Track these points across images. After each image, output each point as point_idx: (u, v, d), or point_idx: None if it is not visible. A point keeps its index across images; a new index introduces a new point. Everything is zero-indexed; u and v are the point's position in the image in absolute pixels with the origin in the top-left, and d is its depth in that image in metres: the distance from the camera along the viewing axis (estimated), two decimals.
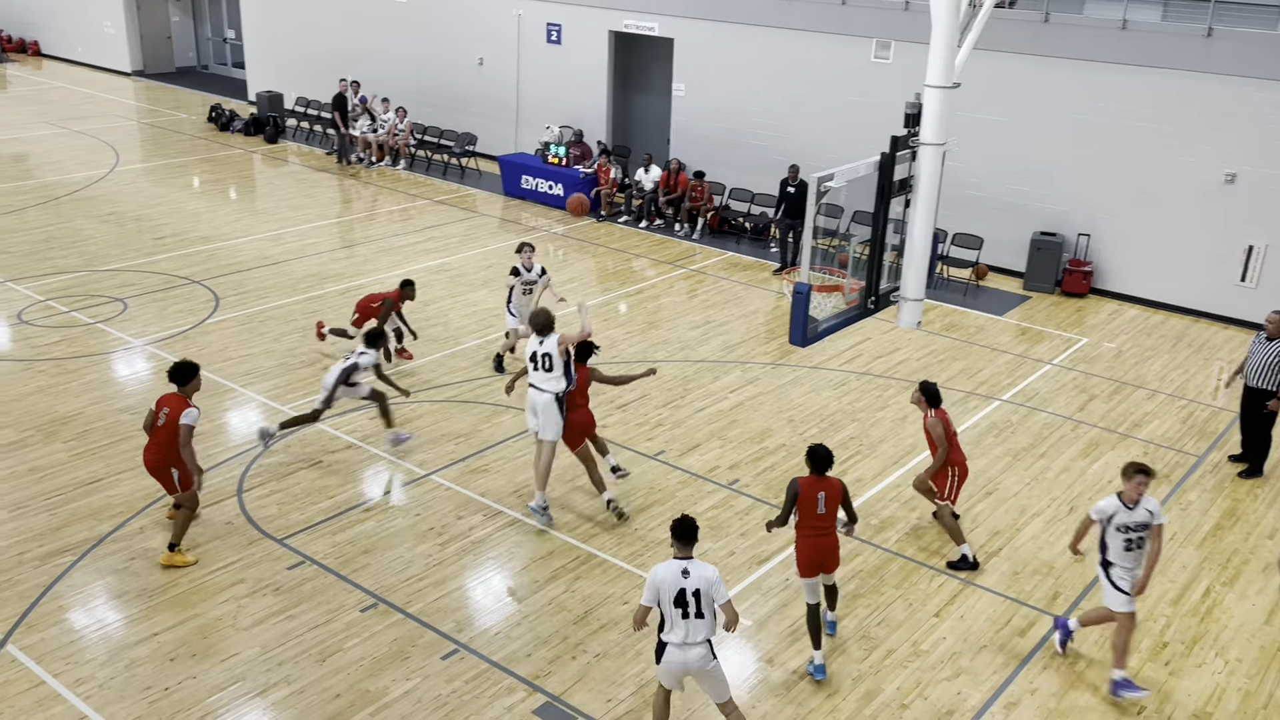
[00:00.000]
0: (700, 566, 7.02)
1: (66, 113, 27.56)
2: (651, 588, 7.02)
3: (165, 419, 9.21)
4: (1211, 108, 15.69)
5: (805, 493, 8.13)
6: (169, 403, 9.26)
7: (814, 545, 8.23)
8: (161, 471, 9.32)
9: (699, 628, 7.02)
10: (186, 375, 9.39)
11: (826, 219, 17.76)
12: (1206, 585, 9.79)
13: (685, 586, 6.95)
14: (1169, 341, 15.60)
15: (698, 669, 7.13)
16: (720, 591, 7.00)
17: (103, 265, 16.80)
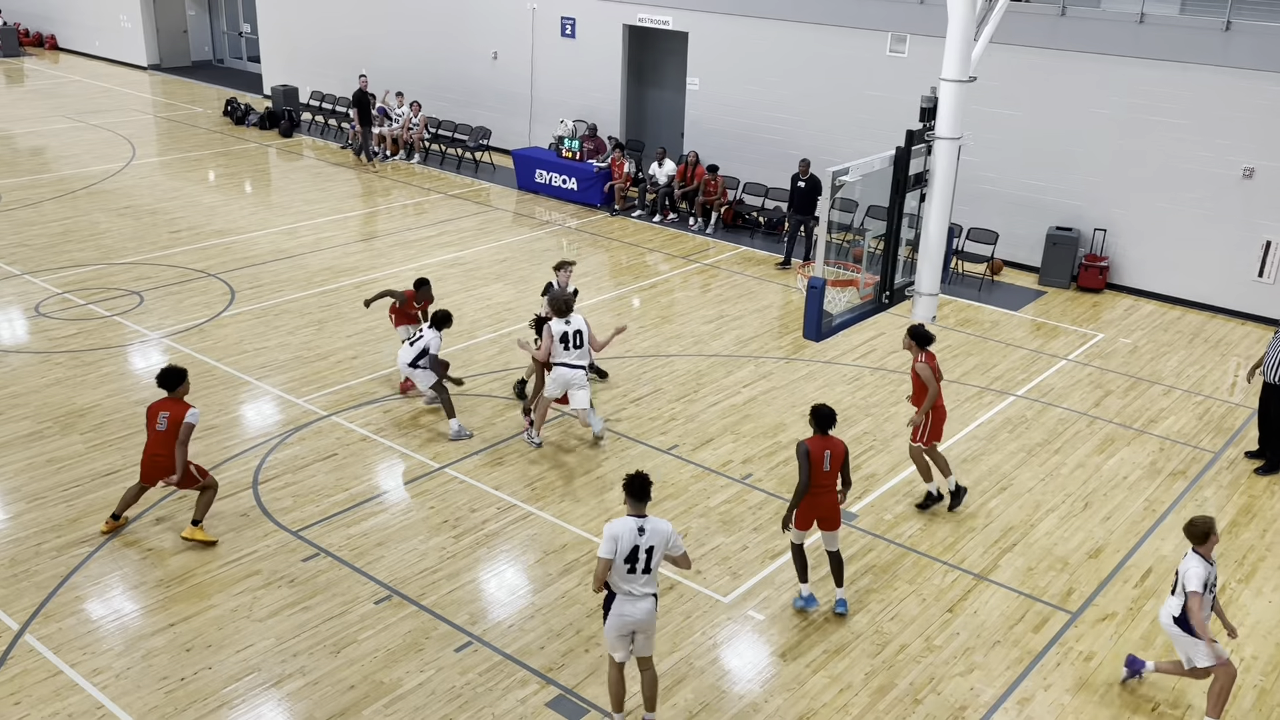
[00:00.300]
0: (656, 523, 7.23)
1: (83, 106, 27.70)
2: (610, 541, 7.14)
3: (166, 423, 9.34)
4: (1229, 102, 15.58)
5: (815, 452, 8.48)
6: (167, 407, 9.38)
7: (815, 502, 8.63)
8: (165, 472, 9.46)
9: (647, 581, 7.23)
10: (177, 380, 9.50)
11: (841, 213, 17.80)
12: (1223, 582, 9.74)
13: (640, 544, 7.14)
14: (1185, 337, 15.52)
15: (645, 621, 7.30)
16: (677, 543, 7.28)
17: (119, 258, 16.89)
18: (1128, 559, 10.03)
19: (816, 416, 8.55)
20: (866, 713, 7.98)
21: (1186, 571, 7.54)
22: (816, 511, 8.67)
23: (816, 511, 8.67)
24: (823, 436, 8.55)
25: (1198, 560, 7.56)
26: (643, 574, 7.20)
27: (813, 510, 8.66)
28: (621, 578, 7.20)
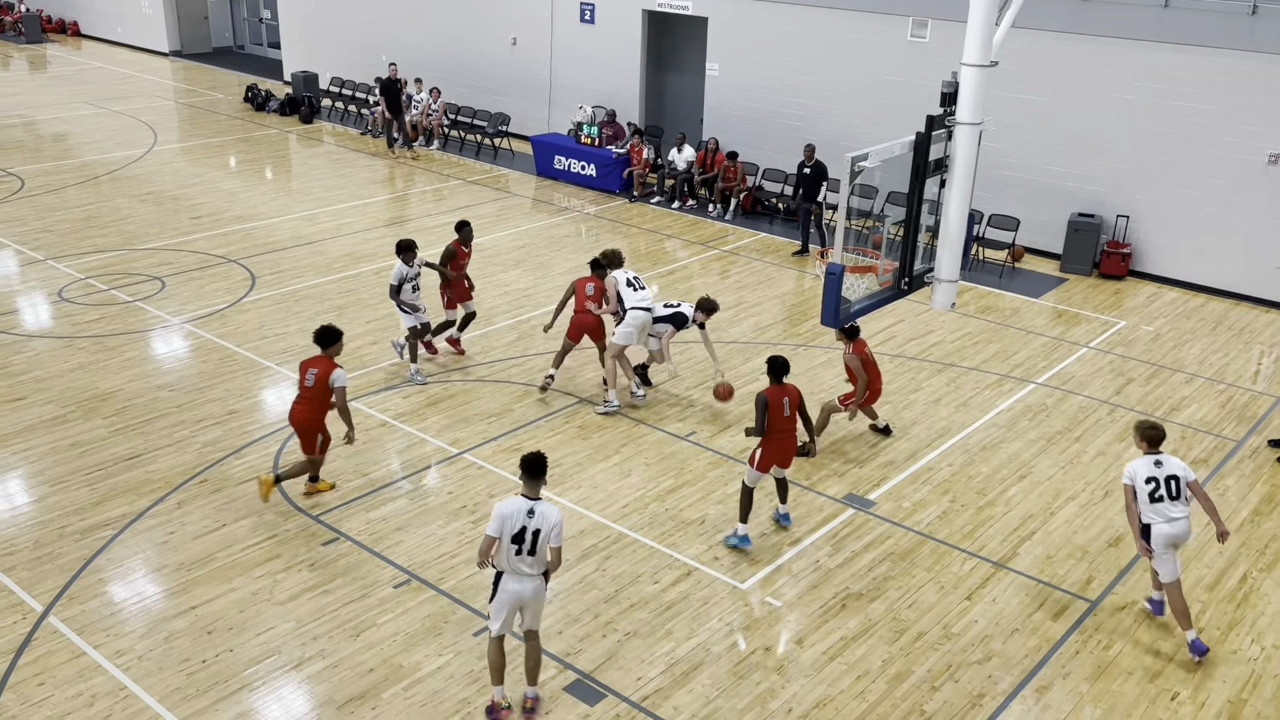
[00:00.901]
0: (546, 508, 7.26)
1: (105, 92, 27.86)
2: (497, 520, 7.23)
3: (315, 379, 9.66)
4: (1256, 87, 15.39)
5: (773, 400, 9.30)
6: (316, 364, 9.71)
7: (778, 447, 9.46)
8: (308, 432, 9.86)
9: (533, 563, 7.28)
10: (330, 338, 9.80)
11: (860, 199, 17.70)
12: (1244, 571, 9.68)
13: (528, 526, 7.19)
14: (1209, 325, 15.38)
15: (533, 597, 7.42)
16: (557, 535, 7.25)
17: (141, 244, 17.00)
18: None
19: (772, 366, 9.41)
20: (884, 700, 7.99)
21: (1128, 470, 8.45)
22: (776, 456, 9.50)
23: (776, 456, 9.50)
24: (779, 385, 9.38)
25: (1142, 461, 8.40)
26: (529, 555, 7.23)
27: (773, 455, 9.47)
28: (509, 558, 7.26)
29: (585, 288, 12.26)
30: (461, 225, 12.90)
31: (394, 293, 12.28)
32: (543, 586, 7.45)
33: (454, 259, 12.78)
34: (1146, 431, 8.43)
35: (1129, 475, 8.37)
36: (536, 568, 7.33)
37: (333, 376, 9.64)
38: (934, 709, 7.91)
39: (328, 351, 9.80)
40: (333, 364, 9.73)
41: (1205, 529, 10.28)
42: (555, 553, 7.33)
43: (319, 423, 9.91)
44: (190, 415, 11.72)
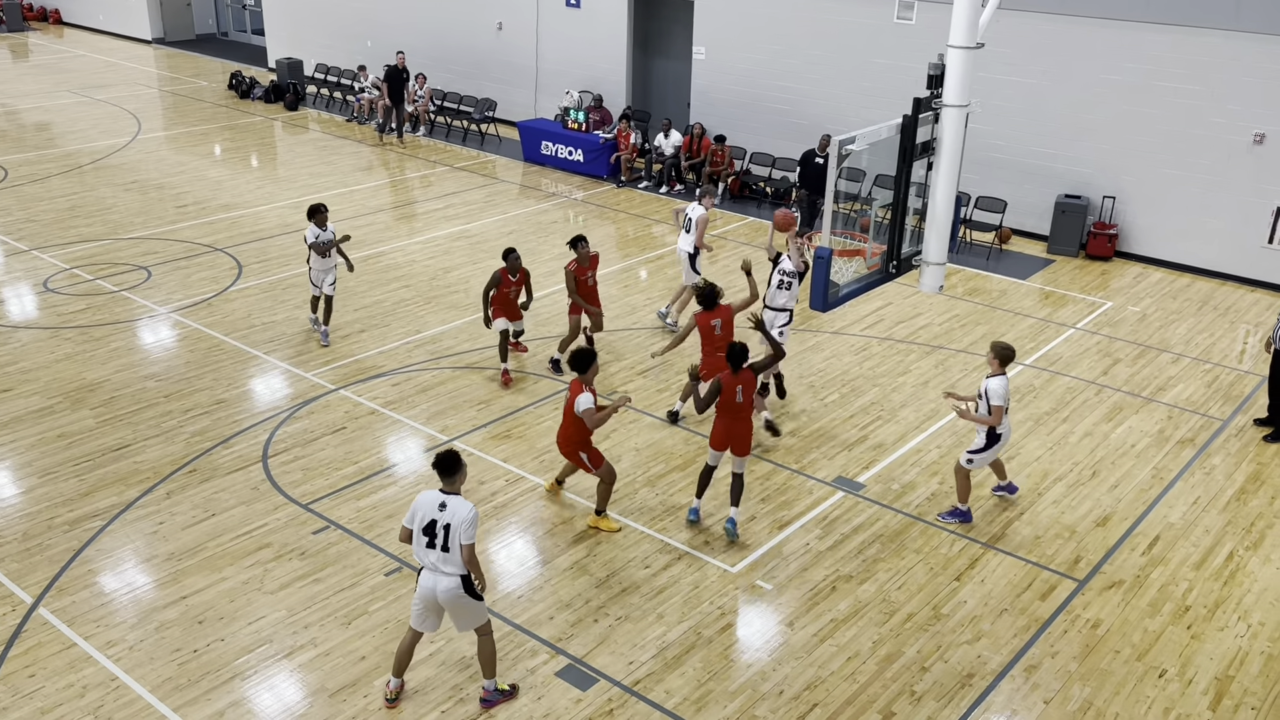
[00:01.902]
0: (457, 504, 7.12)
1: (88, 81, 27.64)
2: (410, 510, 7.22)
3: (567, 403, 9.40)
4: (1241, 66, 15.42)
5: (728, 386, 9.33)
6: (572, 388, 9.36)
7: (729, 429, 9.46)
8: (570, 454, 9.54)
9: (446, 560, 7.13)
10: (586, 361, 9.34)
11: (848, 183, 17.70)
12: (1230, 549, 9.76)
13: (438, 519, 7.09)
14: (1195, 305, 15.45)
15: (446, 600, 7.23)
16: (467, 534, 7.06)
17: (126, 233, 16.91)
18: (1135, 527, 10.04)
19: (731, 354, 9.37)
20: (874, 681, 8.03)
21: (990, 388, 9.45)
22: (731, 440, 9.47)
23: (731, 440, 9.47)
24: (734, 373, 9.34)
25: (1004, 380, 9.46)
26: (441, 550, 7.09)
27: (727, 436, 9.47)
28: (420, 550, 7.19)
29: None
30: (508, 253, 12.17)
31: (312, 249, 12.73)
32: (459, 591, 7.18)
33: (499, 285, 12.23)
34: (1003, 352, 9.56)
35: (1003, 395, 9.43)
36: (449, 565, 7.12)
37: (576, 401, 9.21)
38: (924, 689, 7.96)
39: (583, 377, 9.32)
40: (580, 387, 9.29)
41: (1191, 508, 10.36)
42: (466, 550, 7.08)
43: (578, 443, 9.44)
44: (178, 405, 11.69)
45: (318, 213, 12.74)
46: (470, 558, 7.12)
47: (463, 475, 7.26)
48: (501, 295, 12.19)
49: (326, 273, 12.93)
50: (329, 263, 12.89)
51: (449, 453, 7.24)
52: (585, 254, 12.45)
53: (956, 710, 7.78)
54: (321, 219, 12.73)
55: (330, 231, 12.84)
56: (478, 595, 7.32)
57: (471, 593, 7.27)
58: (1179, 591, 9.14)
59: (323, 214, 12.76)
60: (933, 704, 7.82)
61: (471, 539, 7.09)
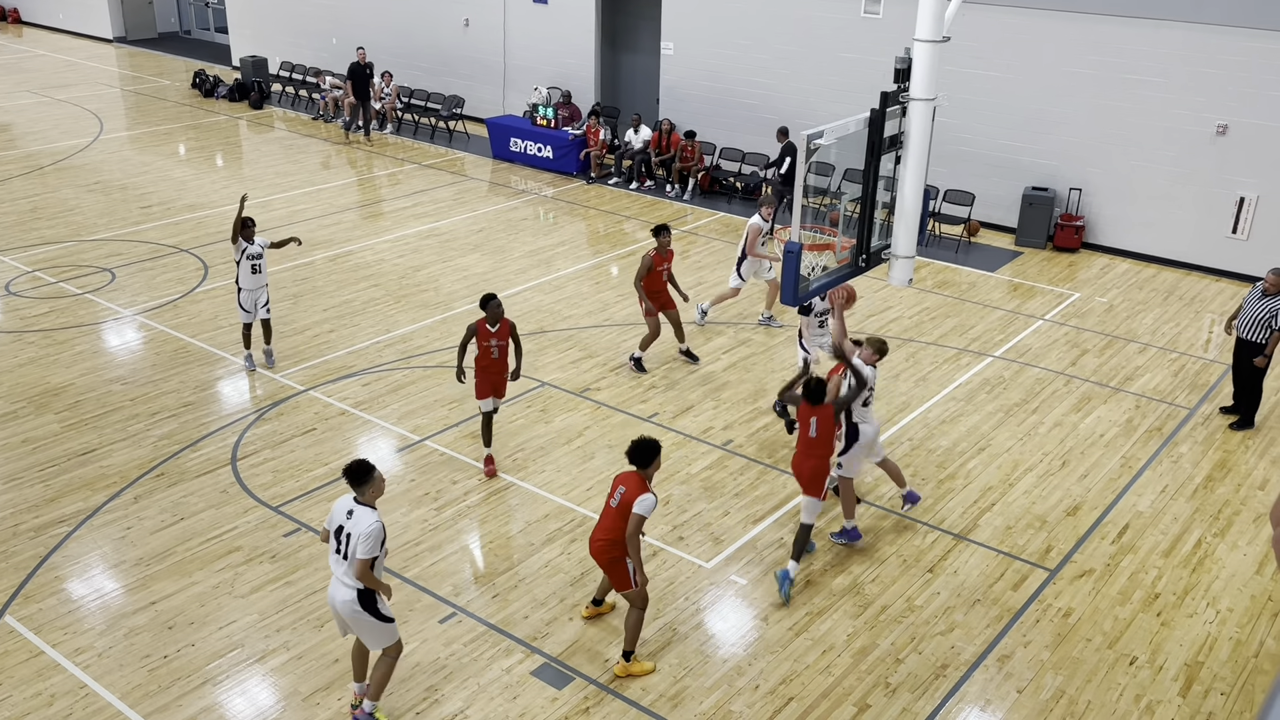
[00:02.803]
0: (362, 514, 6.89)
1: (48, 81, 27.25)
2: (329, 515, 7.11)
3: (620, 500, 7.63)
4: (1203, 59, 15.59)
5: (802, 420, 8.82)
6: (626, 481, 7.69)
7: (799, 465, 8.90)
8: (615, 561, 7.74)
9: (345, 569, 6.93)
10: (648, 455, 7.69)
11: (817, 177, 17.74)
12: (1198, 536, 9.87)
13: (343, 525, 6.93)
14: (1160, 295, 15.61)
15: (344, 611, 7.03)
16: (363, 547, 6.80)
17: (90, 235, 16.68)
18: (1105, 516, 10.13)
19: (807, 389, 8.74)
20: (849, 673, 8.06)
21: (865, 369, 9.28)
22: (799, 476, 8.95)
23: (799, 476, 8.95)
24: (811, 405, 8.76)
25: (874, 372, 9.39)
26: (343, 559, 6.91)
27: (797, 473, 8.98)
28: (330, 557, 7.03)
29: None
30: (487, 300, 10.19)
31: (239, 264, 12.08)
32: (356, 605, 6.93)
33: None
34: (881, 345, 9.47)
35: (871, 379, 9.32)
36: (349, 577, 6.90)
37: (638, 501, 7.53)
38: (899, 681, 8.00)
39: (645, 470, 7.70)
40: (644, 485, 7.63)
41: (1160, 496, 10.47)
42: (358, 565, 6.80)
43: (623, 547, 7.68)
44: (144, 409, 11.55)
45: (245, 227, 11.92)
46: (362, 572, 6.84)
47: (374, 485, 6.98)
48: (482, 355, 10.18)
49: (259, 293, 12.08)
50: (260, 280, 12.04)
51: (358, 462, 7.00)
52: (665, 244, 12.19)
53: (931, 701, 7.82)
54: (249, 233, 11.93)
55: (260, 245, 12.05)
56: (379, 613, 7.05)
57: (370, 609, 7.00)
58: (1149, 579, 9.23)
59: (250, 228, 11.95)
60: (907, 695, 7.86)
61: (367, 553, 6.79)
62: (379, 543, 6.88)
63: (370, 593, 6.99)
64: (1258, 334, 11.36)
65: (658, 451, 7.70)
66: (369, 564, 6.86)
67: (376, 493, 7.02)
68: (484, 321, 10.07)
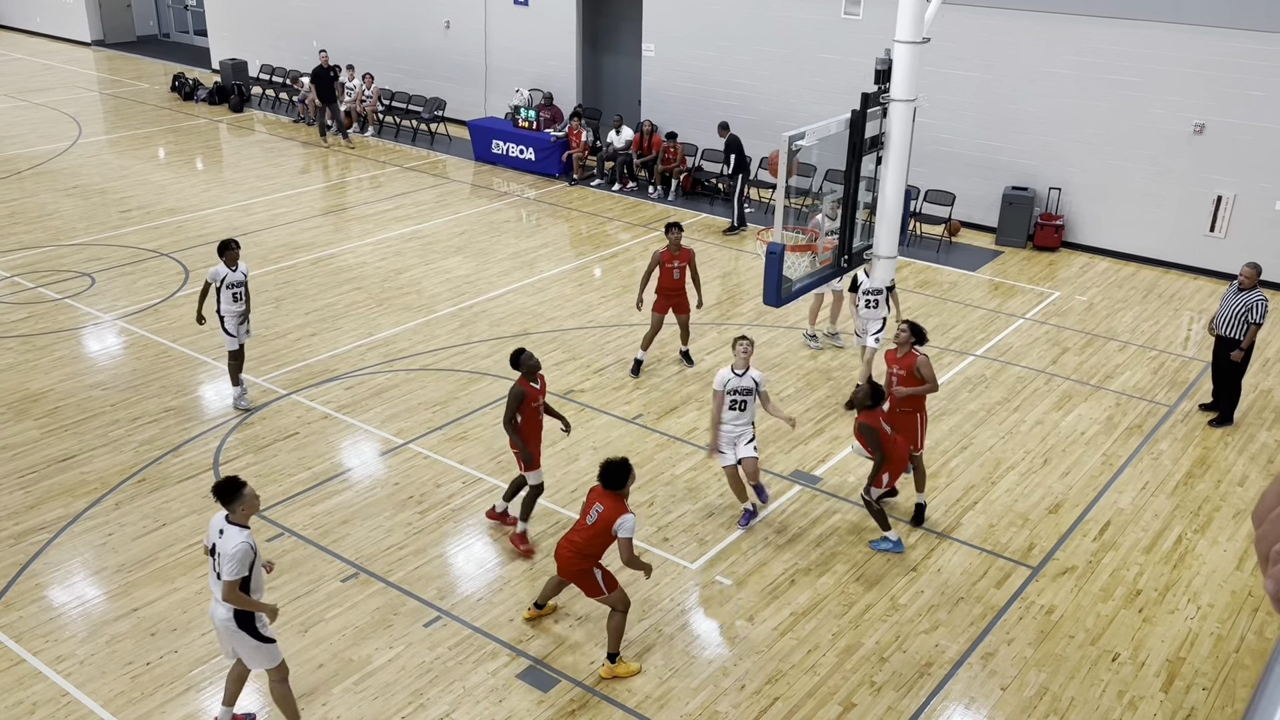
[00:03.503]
0: (231, 534, 6.70)
1: (25, 84, 27.05)
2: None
3: (597, 518, 7.56)
4: (1180, 58, 15.71)
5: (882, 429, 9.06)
6: (603, 499, 7.61)
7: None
8: (583, 572, 7.74)
9: (217, 587, 6.78)
10: (620, 476, 7.55)
11: (799, 178, 17.80)
12: (1179, 533, 9.94)
13: (216, 543, 6.78)
14: (1140, 293, 15.72)
15: (221, 629, 6.89)
16: (228, 568, 6.61)
17: (69, 240, 16.57)
18: (1087, 513, 10.20)
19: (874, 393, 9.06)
20: (834, 672, 8.08)
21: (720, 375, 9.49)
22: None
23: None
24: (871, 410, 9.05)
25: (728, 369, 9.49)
26: (216, 577, 6.74)
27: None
28: (210, 574, 6.88)
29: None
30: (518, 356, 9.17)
31: (204, 291, 11.12)
32: (232, 625, 6.74)
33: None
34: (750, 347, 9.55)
35: (720, 382, 9.43)
36: (220, 594, 6.72)
37: (619, 523, 7.49)
38: (883, 679, 8.03)
39: (620, 491, 7.61)
40: (622, 506, 7.56)
41: (1141, 493, 10.54)
42: (225, 587, 6.62)
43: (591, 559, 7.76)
44: (125, 414, 11.48)
45: (228, 249, 11.10)
46: (229, 594, 6.65)
47: (245, 503, 6.76)
48: (530, 417, 9.12)
49: (242, 319, 11.36)
50: (242, 306, 11.29)
51: (227, 479, 6.80)
52: (675, 241, 12.10)
53: (916, 699, 7.85)
54: (232, 256, 11.09)
55: (242, 272, 11.23)
56: (258, 634, 6.88)
57: (248, 629, 6.83)
58: (1130, 576, 9.30)
59: (234, 250, 11.11)
60: (892, 694, 7.89)
61: (232, 574, 6.59)
62: (247, 564, 6.66)
63: (248, 612, 6.82)
64: (1235, 330, 11.45)
65: (629, 471, 7.62)
66: (236, 585, 6.64)
67: (249, 510, 6.80)
68: (525, 380, 9.03)
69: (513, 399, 8.91)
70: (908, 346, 9.85)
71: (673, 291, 12.28)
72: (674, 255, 12.15)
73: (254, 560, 6.77)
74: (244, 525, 6.79)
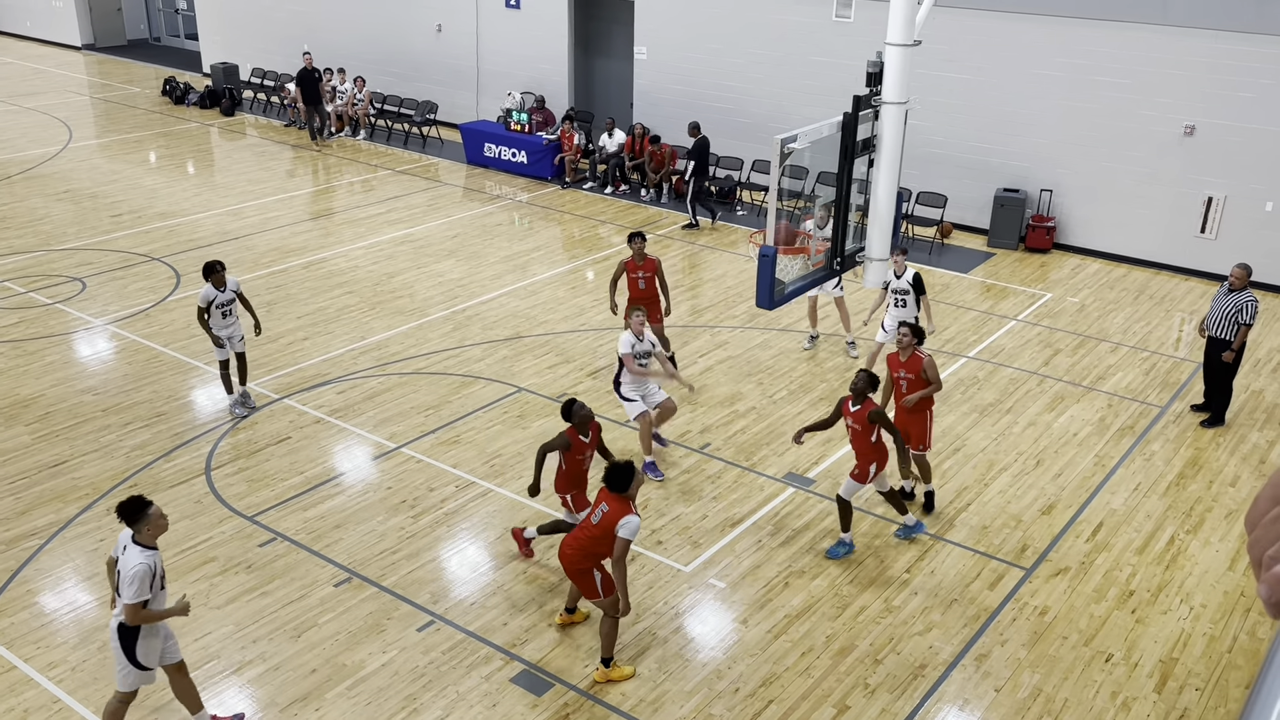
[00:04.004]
0: (133, 554, 6.63)
1: (16, 89, 26.96)
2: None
3: (601, 518, 7.54)
4: (1169, 60, 15.76)
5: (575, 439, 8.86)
6: (610, 500, 7.56)
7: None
8: (584, 572, 7.72)
9: (119, 601, 6.71)
10: (626, 479, 7.56)
11: (791, 180, 17.82)
12: (1171, 533, 9.96)
13: (119, 558, 6.72)
14: (1131, 294, 15.76)
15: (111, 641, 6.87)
16: (127, 590, 6.56)
17: (60, 244, 16.51)
18: (1079, 514, 10.21)
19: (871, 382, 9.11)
20: (829, 674, 8.08)
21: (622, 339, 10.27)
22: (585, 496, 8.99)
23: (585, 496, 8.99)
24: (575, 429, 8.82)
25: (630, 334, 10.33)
26: (115, 591, 6.69)
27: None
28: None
29: None
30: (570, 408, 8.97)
31: (201, 316, 11.06)
32: (116, 637, 6.71)
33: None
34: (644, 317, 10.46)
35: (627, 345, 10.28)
36: (117, 607, 6.65)
37: (621, 524, 7.43)
38: (878, 682, 8.03)
39: (626, 493, 7.56)
40: (628, 507, 7.52)
41: (1133, 494, 10.56)
42: (127, 610, 6.55)
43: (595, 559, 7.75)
44: (117, 419, 11.44)
45: (214, 271, 11.06)
46: (131, 616, 6.59)
47: (150, 523, 6.66)
48: (573, 467, 8.95)
49: (233, 328, 11.32)
50: (231, 321, 11.29)
51: (131, 499, 6.70)
52: (638, 250, 11.99)
53: (910, 701, 7.86)
54: (219, 279, 11.06)
55: (232, 289, 11.22)
56: (134, 655, 6.78)
57: (126, 644, 6.74)
58: (1123, 576, 9.32)
59: (220, 273, 11.07)
60: (886, 696, 7.89)
61: (133, 597, 6.53)
62: (146, 585, 6.58)
63: (133, 630, 6.72)
64: (1226, 330, 11.48)
65: (634, 474, 7.57)
66: (138, 608, 6.58)
67: (156, 530, 6.71)
68: (574, 431, 8.83)
69: (558, 443, 8.81)
70: (911, 349, 9.87)
71: (641, 300, 12.24)
72: (638, 265, 12.12)
73: (153, 581, 6.65)
74: (149, 546, 6.69)
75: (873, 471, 9.27)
